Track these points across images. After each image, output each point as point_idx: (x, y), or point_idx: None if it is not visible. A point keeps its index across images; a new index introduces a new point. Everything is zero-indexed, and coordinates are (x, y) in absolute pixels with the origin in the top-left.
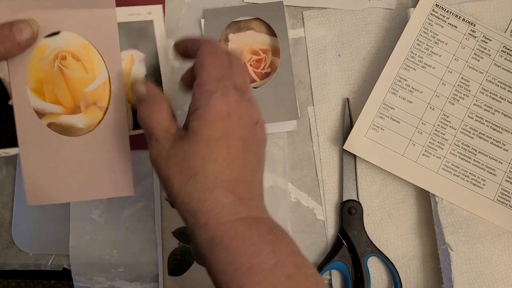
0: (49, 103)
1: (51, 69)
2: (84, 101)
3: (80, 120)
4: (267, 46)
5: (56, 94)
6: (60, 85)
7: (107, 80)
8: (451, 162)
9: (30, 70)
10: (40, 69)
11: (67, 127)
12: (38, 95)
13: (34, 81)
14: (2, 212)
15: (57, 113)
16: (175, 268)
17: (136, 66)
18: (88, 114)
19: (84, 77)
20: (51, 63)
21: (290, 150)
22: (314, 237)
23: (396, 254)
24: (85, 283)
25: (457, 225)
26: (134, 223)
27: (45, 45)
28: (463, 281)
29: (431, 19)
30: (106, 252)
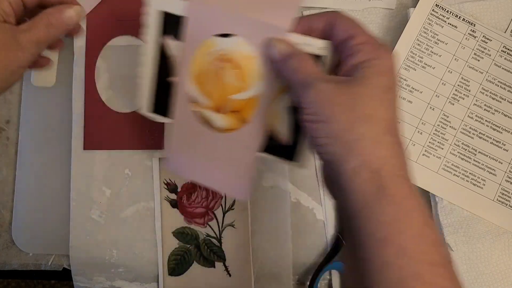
0: (200, 94)
1: (212, 66)
2: (228, 106)
3: (219, 120)
4: None
5: (209, 89)
6: (213, 83)
7: (256, 96)
8: (451, 162)
9: (197, 58)
10: (204, 61)
11: (206, 120)
12: (196, 83)
13: (197, 69)
14: (2, 212)
15: (204, 104)
16: (175, 268)
17: (284, 96)
18: (227, 118)
19: (235, 86)
20: (213, 61)
21: None
22: (314, 237)
23: None
24: (85, 283)
25: (457, 225)
26: (134, 223)
27: (213, 43)
28: (463, 281)
29: (431, 19)
30: (106, 252)
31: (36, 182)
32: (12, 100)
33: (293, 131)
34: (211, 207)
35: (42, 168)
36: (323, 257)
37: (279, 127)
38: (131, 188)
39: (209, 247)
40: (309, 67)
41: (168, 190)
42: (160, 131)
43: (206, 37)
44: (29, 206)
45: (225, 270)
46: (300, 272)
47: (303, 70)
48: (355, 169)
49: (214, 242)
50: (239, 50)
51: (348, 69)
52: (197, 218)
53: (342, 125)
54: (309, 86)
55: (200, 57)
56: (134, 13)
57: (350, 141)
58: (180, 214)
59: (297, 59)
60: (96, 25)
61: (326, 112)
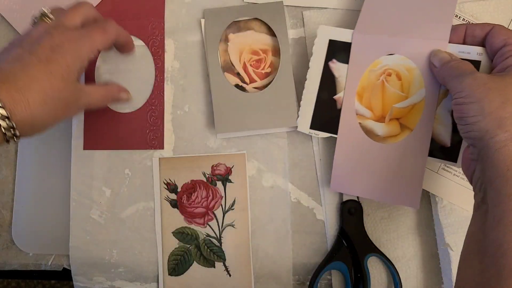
0: (363, 107)
1: (376, 81)
2: (389, 114)
3: (381, 128)
4: (267, 46)
5: (371, 102)
6: (377, 95)
7: (418, 103)
8: None
9: (362, 76)
10: (367, 78)
11: (368, 131)
12: (358, 98)
13: (360, 86)
14: (2, 212)
15: (366, 116)
16: (175, 268)
17: (447, 99)
18: (388, 126)
19: (399, 95)
20: (377, 76)
21: (290, 150)
22: (314, 237)
23: (396, 254)
24: (85, 283)
25: (457, 225)
26: (134, 223)
27: (379, 61)
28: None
29: None
30: (106, 252)
31: (36, 182)
32: None
33: (452, 134)
34: (211, 207)
35: (42, 168)
36: (323, 257)
37: (441, 130)
38: (131, 188)
39: (209, 247)
40: (466, 66)
41: (168, 190)
42: (160, 131)
43: (373, 59)
44: (29, 206)
45: (225, 270)
46: (300, 272)
47: (461, 68)
48: (503, 141)
49: (214, 242)
50: (401, 64)
51: (499, 69)
52: (197, 218)
53: (494, 104)
54: (465, 76)
55: (366, 74)
56: (133, 13)
57: (501, 118)
58: (180, 214)
59: (455, 62)
60: None
61: (479, 94)
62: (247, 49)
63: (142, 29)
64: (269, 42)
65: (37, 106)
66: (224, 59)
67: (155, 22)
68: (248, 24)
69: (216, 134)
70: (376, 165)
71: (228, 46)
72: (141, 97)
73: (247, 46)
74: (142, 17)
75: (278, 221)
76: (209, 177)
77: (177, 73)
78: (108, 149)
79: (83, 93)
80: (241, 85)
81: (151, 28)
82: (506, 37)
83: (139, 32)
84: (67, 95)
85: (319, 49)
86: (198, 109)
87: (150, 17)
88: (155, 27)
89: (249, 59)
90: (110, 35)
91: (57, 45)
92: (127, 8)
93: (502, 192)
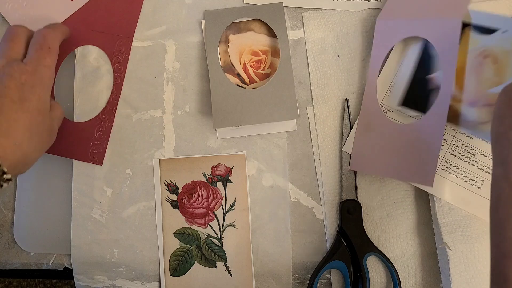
0: (456, 89)
1: (472, 61)
2: (482, 100)
3: (473, 113)
4: (267, 47)
5: (465, 84)
6: (472, 79)
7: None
8: (450, 162)
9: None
10: (464, 57)
11: (456, 114)
12: None
13: (457, 66)
14: (4, 211)
15: (457, 98)
16: (177, 269)
17: None
18: (481, 112)
19: (493, 80)
20: (476, 57)
21: (290, 150)
22: (313, 237)
23: (395, 253)
24: (86, 282)
25: (455, 225)
26: (135, 222)
27: (475, 40)
28: (461, 280)
29: None
30: (107, 251)
31: (38, 182)
32: None
33: None
34: (212, 207)
35: (44, 168)
36: (322, 256)
37: None
38: (132, 187)
39: (210, 247)
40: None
41: (169, 191)
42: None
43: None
44: (31, 205)
45: (226, 270)
46: (300, 271)
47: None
48: None
49: (215, 242)
50: (499, 46)
51: None
52: (198, 218)
53: None
54: None
55: (461, 55)
56: (104, 26)
57: None
58: (181, 215)
59: None
60: None
61: None
62: (247, 50)
63: (108, 43)
64: (269, 43)
65: (26, 144)
66: (224, 60)
67: (124, 39)
68: (248, 25)
69: (215, 129)
70: (396, 145)
71: (229, 47)
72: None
73: (247, 47)
74: (112, 31)
75: (278, 221)
76: (209, 178)
77: (177, 74)
78: (50, 153)
79: (52, 117)
80: (241, 86)
81: (118, 45)
82: None
83: (105, 46)
84: (47, 125)
85: None
86: (199, 109)
87: (119, 33)
88: (122, 44)
89: (249, 60)
90: (55, 48)
91: (22, 84)
92: (98, 20)
93: None
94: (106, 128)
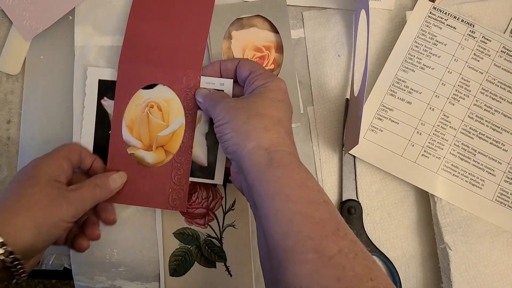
0: (134, 138)
1: (141, 113)
2: (155, 143)
3: (150, 156)
4: (270, 43)
5: (140, 133)
6: (144, 127)
7: (177, 130)
8: (451, 163)
9: (128, 111)
10: (134, 111)
11: (140, 159)
12: (129, 130)
13: (129, 119)
14: None
15: (137, 147)
16: (176, 269)
17: (201, 124)
18: (156, 154)
19: (160, 124)
20: (142, 109)
21: None
22: None
23: (395, 253)
24: (86, 282)
25: (456, 225)
26: (135, 222)
27: (142, 95)
28: (462, 280)
29: (429, 21)
30: (107, 251)
31: None
32: (13, 100)
33: (208, 154)
34: (212, 207)
35: None
36: None
37: (198, 152)
38: None
39: (210, 247)
40: (219, 94)
41: None
42: (184, 192)
43: (134, 92)
44: None
45: (226, 270)
46: None
47: (215, 97)
48: (251, 149)
49: (215, 242)
50: (160, 96)
51: (249, 91)
52: (197, 218)
53: (241, 121)
54: (218, 103)
55: (132, 108)
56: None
57: (247, 131)
58: (180, 215)
59: (211, 94)
60: None
61: (230, 115)
62: (250, 46)
63: (176, 80)
64: (272, 39)
65: None
66: (228, 56)
67: (191, 74)
68: (251, 21)
69: None
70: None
71: (232, 43)
72: None
73: (250, 43)
74: (178, 66)
75: None
76: None
77: None
78: (126, 203)
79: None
80: None
81: (186, 81)
82: (250, 67)
83: (172, 83)
84: None
85: (91, 89)
86: None
87: (186, 68)
88: (191, 79)
89: (252, 56)
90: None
91: None
92: (161, 55)
93: (262, 192)
94: (184, 171)
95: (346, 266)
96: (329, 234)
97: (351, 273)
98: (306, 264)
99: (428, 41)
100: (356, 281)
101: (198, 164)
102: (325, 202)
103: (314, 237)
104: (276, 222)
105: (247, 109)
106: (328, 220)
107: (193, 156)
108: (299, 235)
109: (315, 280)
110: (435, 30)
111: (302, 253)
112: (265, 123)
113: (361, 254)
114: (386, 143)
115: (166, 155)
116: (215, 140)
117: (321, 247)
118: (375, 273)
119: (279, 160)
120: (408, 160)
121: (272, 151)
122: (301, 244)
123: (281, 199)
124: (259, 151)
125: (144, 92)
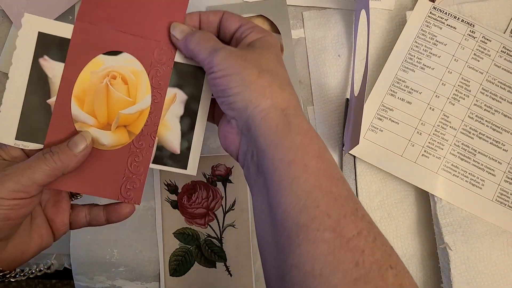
0: (84, 113)
1: (99, 84)
2: (116, 121)
3: (107, 137)
4: None
5: (94, 107)
6: (101, 100)
7: (145, 110)
8: (451, 163)
9: (80, 78)
10: (88, 80)
11: (93, 140)
12: (78, 102)
13: (79, 89)
14: None
15: (88, 124)
16: (176, 269)
17: (175, 105)
18: (116, 134)
19: (125, 100)
20: (100, 78)
21: None
22: None
23: None
24: (86, 282)
25: (456, 225)
26: (135, 222)
27: (101, 61)
28: (462, 280)
29: (429, 21)
30: (107, 251)
31: None
32: None
33: (181, 140)
34: (212, 207)
35: None
36: None
37: (170, 137)
38: None
39: (210, 247)
40: (214, 39)
41: (169, 191)
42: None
43: (93, 56)
44: None
45: (226, 270)
46: None
47: (210, 40)
48: (267, 109)
49: (215, 242)
50: (126, 66)
51: (244, 46)
52: (197, 218)
53: (254, 75)
54: (218, 50)
55: (86, 76)
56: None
57: (262, 87)
58: (180, 215)
59: (200, 33)
60: None
61: (238, 66)
62: None
63: (145, 52)
64: None
65: None
66: None
67: (164, 47)
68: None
69: None
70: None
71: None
72: None
73: None
74: (150, 35)
75: None
76: (209, 178)
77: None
78: (76, 191)
79: None
80: None
81: (158, 54)
82: (240, 19)
83: (140, 54)
84: None
85: (25, 43)
86: None
87: (159, 40)
88: (163, 53)
89: None
90: None
91: None
92: (131, 19)
93: (276, 158)
94: (144, 158)
95: (366, 250)
96: (348, 214)
97: (370, 259)
98: (322, 243)
99: (428, 41)
100: (376, 267)
101: (169, 151)
102: (342, 178)
103: (332, 215)
104: (291, 192)
105: (257, 62)
106: (346, 198)
107: (164, 141)
108: (316, 211)
109: (331, 263)
110: (435, 30)
111: (318, 231)
112: (279, 81)
113: (379, 238)
114: (386, 143)
115: (130, 137)
116: (190, 125)
117: (340, 227)
118: (395, 260)
119: (298, 125)
120: (408, 160)
121: (290, 114)
122: (317, 220)
123: (299, 168)
124: (275, 112)
125: (105, 58)
